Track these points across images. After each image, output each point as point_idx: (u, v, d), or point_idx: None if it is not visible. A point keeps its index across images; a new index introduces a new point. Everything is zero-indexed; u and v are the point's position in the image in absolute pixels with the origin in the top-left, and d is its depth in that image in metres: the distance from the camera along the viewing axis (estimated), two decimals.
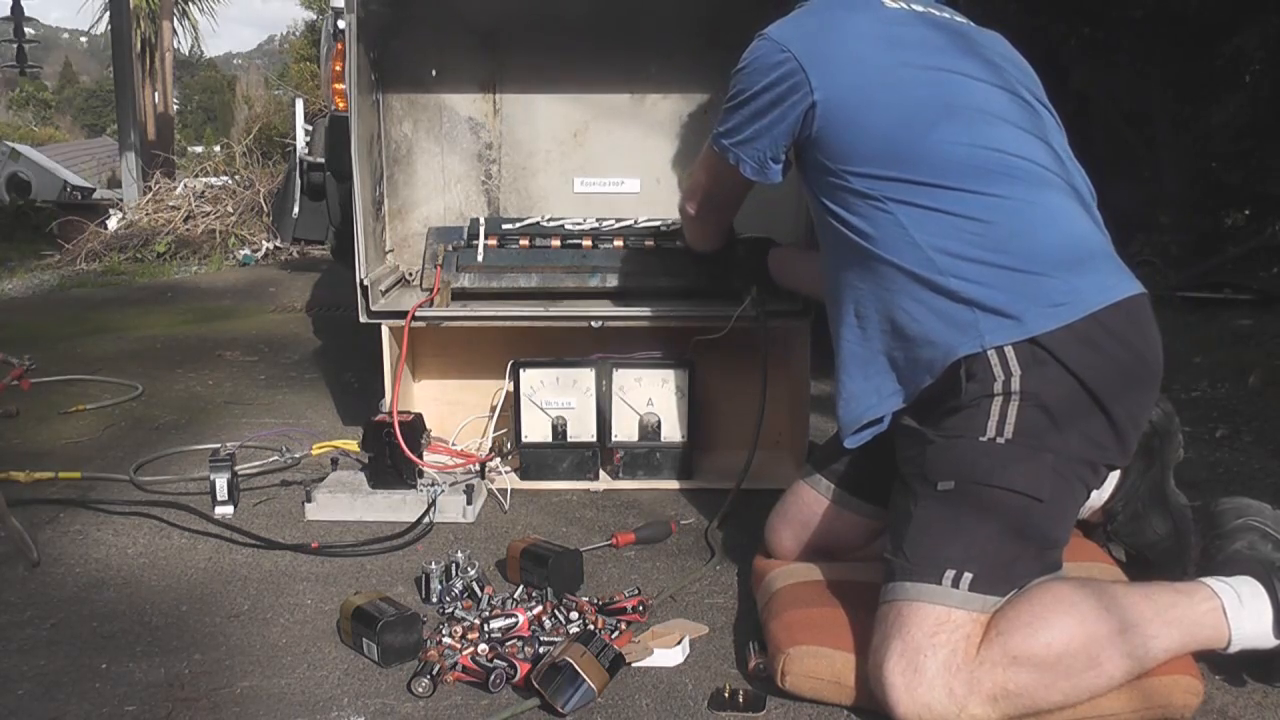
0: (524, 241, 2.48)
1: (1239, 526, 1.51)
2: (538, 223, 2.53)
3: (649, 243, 2.47)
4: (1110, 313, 1.41)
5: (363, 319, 2.33)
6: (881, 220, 1.51)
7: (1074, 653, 1.30)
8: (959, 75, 1.56)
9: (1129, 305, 1.43)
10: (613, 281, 2.43)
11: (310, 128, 4.14)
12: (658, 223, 2.52)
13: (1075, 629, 1.31)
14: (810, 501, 1.72)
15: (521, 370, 2.32)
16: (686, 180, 2.10)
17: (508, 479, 2.30)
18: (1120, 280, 1.46)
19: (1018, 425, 1.37)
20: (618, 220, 2.54)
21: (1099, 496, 1.72)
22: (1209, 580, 1.42)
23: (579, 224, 2.53)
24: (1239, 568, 1.44)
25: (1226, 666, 1.46)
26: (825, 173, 1.59)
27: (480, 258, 2.44)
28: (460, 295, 2.41)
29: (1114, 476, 1.71)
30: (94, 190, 12.51)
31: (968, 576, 1.34)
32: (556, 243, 2.48)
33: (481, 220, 2.51)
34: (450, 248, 2.46)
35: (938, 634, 1.31)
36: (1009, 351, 1.39)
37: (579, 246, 2.47)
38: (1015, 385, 1.38)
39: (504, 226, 2.51)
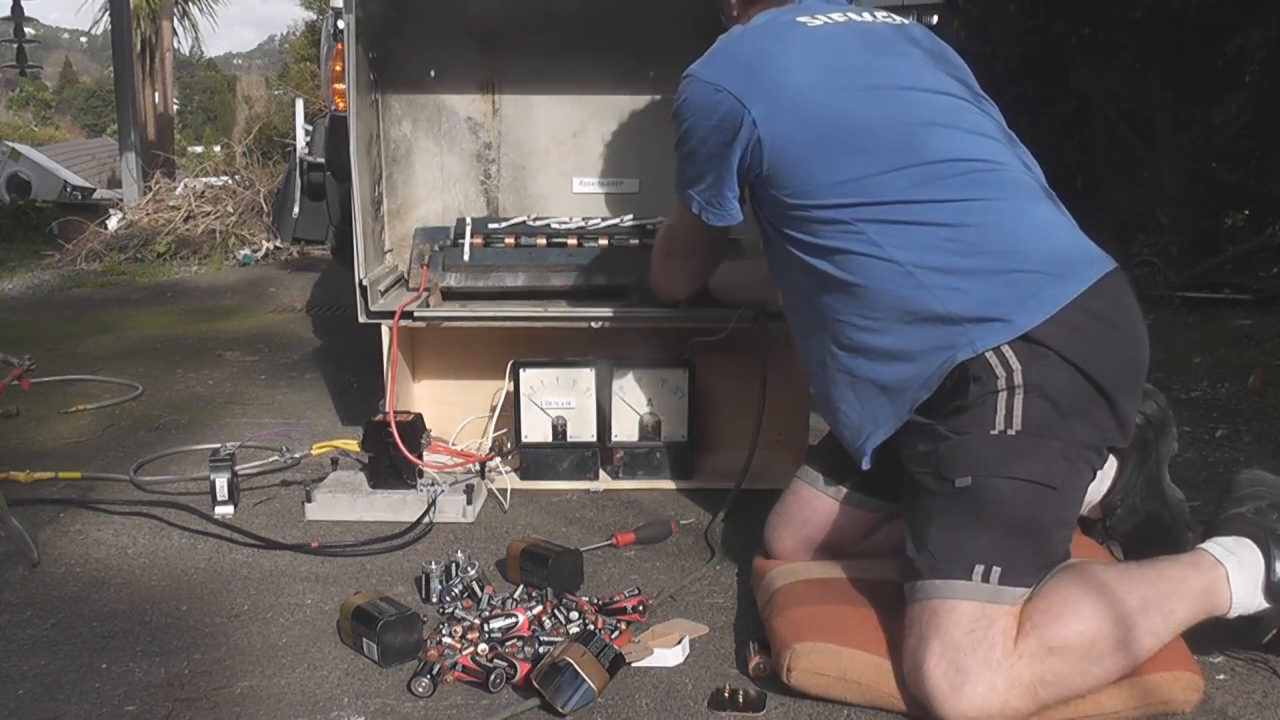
0: (510, 240, 2.48)
1: (1250, 493, 1.53)
2: (524, 222, 2.53)
3: (634, 241, 2.47)
4: (1090, 296, 1.43)
5: (361, 319, 2.32)
6: (854, 243, 1.51)
7: (1104, 636, 1.33)
8: (903, 90, 1.57)
9: (1106, 283, 1.45)
10: (599, 280, 2.42)
11: (310, 128, 4.13)
12: (644, 222, 2.51)
13: (1104, 614, 1.34)
14: (809, 498, 1.73)
15: (521, 370, 2.31)
16: (662, 228, 2.08)
17: (508, 479, 2.30)
18: (1094, 262, 1.47)
19: (1025, 416, 1.39)
20: (604, 220, 2.53)
21: (1097, 490, 1.72)
22: (1208, 547, 1.45)
23: (565, 223, 2.53)
24: (1238, 528, 1.47)
25: (1217, 642, 1.50)
26: (785, 207, 1.59)
27: (466, 256, 2.44)
28: (447, 295, 2.41)
29: (1111, 469, 1.72)
30: (94, 190, 12.48)
31: (997, 570, 1.36)
32: (542, 241, 2.48)
33: (468, 220, 2.52)
34: (436, 247, 2.47)
35: (975, 630, 1.33)
36: (1006, 350, 1.40)
37: (564, 245, 2.47)
38: (1019, 379, 1.39)
39: (490, 226, 2.51)
